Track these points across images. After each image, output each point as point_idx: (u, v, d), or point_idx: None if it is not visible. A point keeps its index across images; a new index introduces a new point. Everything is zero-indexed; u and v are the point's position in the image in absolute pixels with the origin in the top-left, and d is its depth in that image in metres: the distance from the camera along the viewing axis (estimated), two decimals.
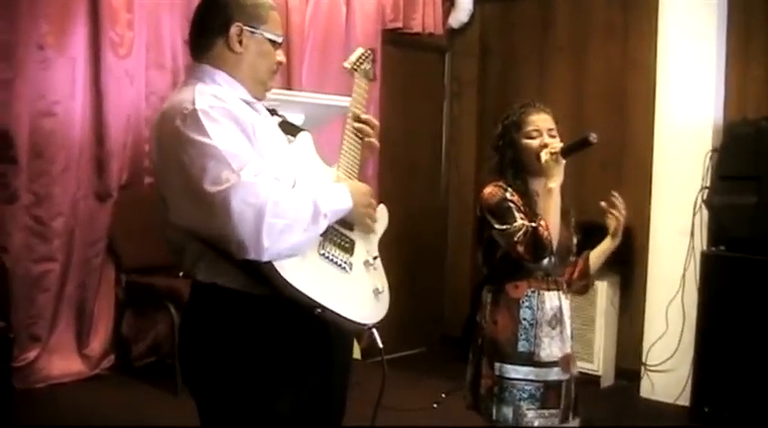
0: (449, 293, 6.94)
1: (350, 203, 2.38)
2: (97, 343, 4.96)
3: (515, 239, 3.11)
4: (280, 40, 2.47)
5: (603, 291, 5.60)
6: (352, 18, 6.07)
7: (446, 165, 7.06)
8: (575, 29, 6.25)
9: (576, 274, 3.40)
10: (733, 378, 4.76)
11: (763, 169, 4.79)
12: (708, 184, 5.18)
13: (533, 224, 3.11)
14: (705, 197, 5.17)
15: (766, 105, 5.19)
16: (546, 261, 3.19)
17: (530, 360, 3.20)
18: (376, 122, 2.66)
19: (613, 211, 3.36)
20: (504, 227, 3.16)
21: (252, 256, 2.12)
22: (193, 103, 2.19)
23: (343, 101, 4.97)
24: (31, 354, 4.66)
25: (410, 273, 6.20)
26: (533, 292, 3.24)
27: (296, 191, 2.25)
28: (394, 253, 2.62)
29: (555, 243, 3.13)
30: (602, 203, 3.37)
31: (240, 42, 2.37)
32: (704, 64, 5.32)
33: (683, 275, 5.23)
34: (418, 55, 6.72)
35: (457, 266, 6.88)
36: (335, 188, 2.41)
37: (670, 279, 5.29)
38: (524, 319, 3.22)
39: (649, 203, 5.48)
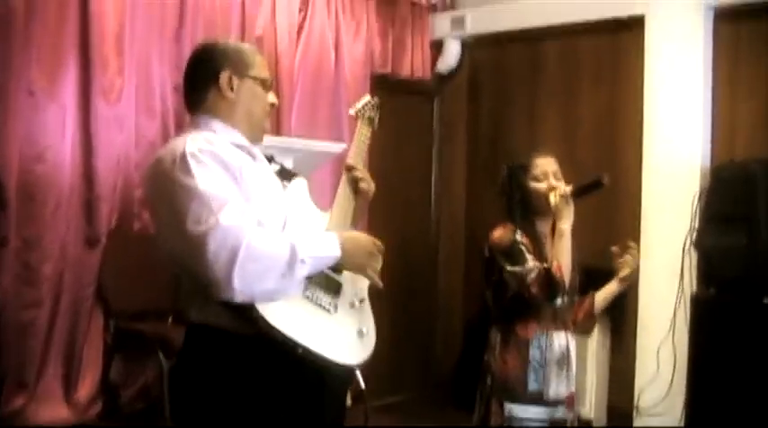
0: (440, 335, 6.91)
1: (337, 252, 2.38)
2: (85, 389, 4.91)
3: (529, 280, 3.21)
4: (269, 80, 2.58)
5: (594, 333, 5.58)
6: (342, 63, 6.13)
7: (436, 209, 7.09)
8: (563, 72, 6.31)
9: (581, 314, 3.50)
10: (725, 421, 4.73)
11: (751, 210, 4.79)
12: (696, 226, 5.18)
13: (546, 265, 3.22)
14: (694, 238, 5.17)
15: (753, 147, 5.22)
16: (558, 300, 3.29)
17: (539, 399, 3.30)
18: (366, 175, 2.72)
19: (628, 260, 3.45)
20: (517, 268, 3.25)
21: (224, 297, 2.20)
22: (184, 147, 2.29)
23: (333, 147, 5.05)
24: (18, 401, 4.61)
25: (400, 315, 6.18)
26: (542, 332, 3.33)
27: (275, 236, 2.29)
28: (384, 295, 2.64)
29: (567, 283, 3.18)
30: (614, 248, 3.44)
31: (231, 89, 2.48)
32: (691, 106, 5.38)
33: (674, 317, 5.22)
34: (407, 99, 6.76)
35: (448, 309, 6.87)
36: (323, 235, 2.45)
37: (660, 321, 5.28)
38: (534, 359, 3.30)
39: (639, 245, 5.47)
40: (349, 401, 5.12)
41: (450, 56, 6.84)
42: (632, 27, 5.71)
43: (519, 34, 6.41)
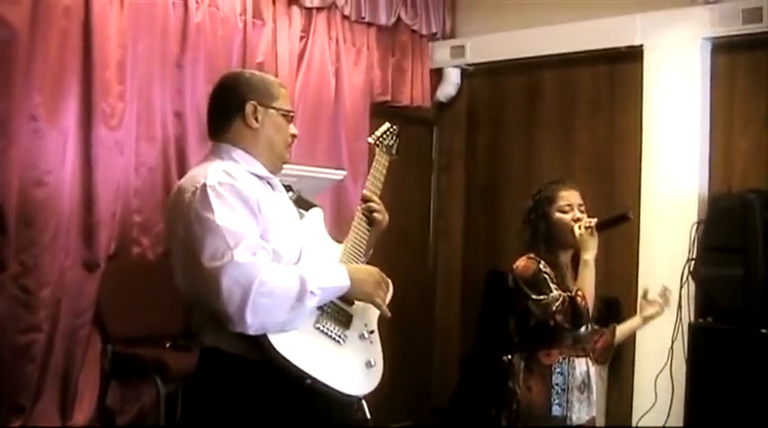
0: (437, 365, 6.90)
1: (347, 282, 2.48)
2: (81, 414, 4.89)
3: (554, 308, 3.33)
4: (292, 113, 2.67)
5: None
6: (342, 91, 6.16)
7: (434, 237, 7.10)
8: (562, 102, 6.35)
9: (600, 344, 3.62)
10: None
11: (748, 241, 4.82)
12: (694, 256, 5.20)
13: (570, 294, 3.33)
14: (692, 268, 5.19)
15: (751, 177, 5.26)
16: (583, 328, 3.43)
17: (563, 423, 3.40)
18: (381, 207, 2.86)
19: (662, 303, 3.75)
20: (542, 297, 3.37)
21: (238, 330, 2.30)
22: (205, 178, 2.39)
23: (333, 173, 5.07)
24: (14, 425, 4.59)
25: (398, 344, 6.17)
26: (564, 359, 3.45)
27: (285, 270, 2.38)
28: (381, 324, 2.73)
29: (591, 311, 3.36)
30: (649, 289, 3.75)
31: (256, 119, 2.56)
32: (688, 136, 5.43)
33: (671, 347, 5.23)
34: (406, 128, 6.67)
35: (445, 337, 6.87)
36: (332, 266, 2.54)
37: (658, 351, 5.28)
38: (557, 385, 3.42)
39: (637, 275, 5.50)
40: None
41: (450, 84, 6.88)
42: (630, 58, 5.77)
43: (518, 64, 6.45)
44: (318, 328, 2.46)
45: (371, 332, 2.66)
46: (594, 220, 3.42)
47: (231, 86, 2.63)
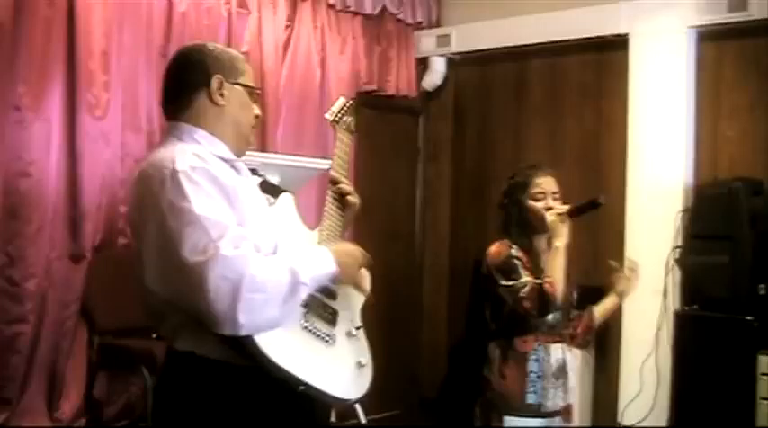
0: (425, 354, 6.93)
1: (333, 267, 2.30)
2: (68, 405, 4.90)
3: (521, 295, 3.30)
4: (258, 91, 2.47)
5: (578, 351, 5.60)
6: (327, 81, 6.17)
7: (421, 226, 7.11)
8: (549, 91, 6.36)
9: (580, 329, 3.60)
10: None
11: (734, 229, 4.87)
12: (680, 244, 5.24)
13: (539, 280, 3.29)
14: (677, 256, 5.23)
15: (737, 166, 5.29)
16: (551, 316, 3.37)
17: (538, 411, 3.37)
18: (352, 188, 2.64)
19: (629, 275, 3.61)
20: (511, 283, 3.34)
21: (227, 332, 2.08)
22: (174, 163, 2.14)
23: (319, 163, 5.08)
24: (1, 417, 4.60)
25: (385, 334, 6.18)
26: (540, 346, 3.41)
27: (274, 262, 2.17)
28: (368, 314, 2.63)
29: (559, 299, 3.29)
30: (612, 263, 3.60)
31: (222, 95, 2.34)
32: (675, 125, 5.46)
33: (657, 334, 5.28)
34: (393, 117, 6.79)
35: (432, 327, 6.89)
36: (317, 253, 2.33)
37: (644, 338, 5.33)
38: (532, 372, 3.38)
39: (623, 262, 5.51)
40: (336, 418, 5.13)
41: (436, 73, 6.88)
42: (617, 46, 5.79)
43: (504, 52, 6.46)
44: (306, 328, 2.29)
45: (358, 328, 2.51)
46: (566, 207, 3.38)
47: (194, 59, 2.36)
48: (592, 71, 6.10)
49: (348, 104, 2.83)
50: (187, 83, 2.35)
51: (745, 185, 4.94)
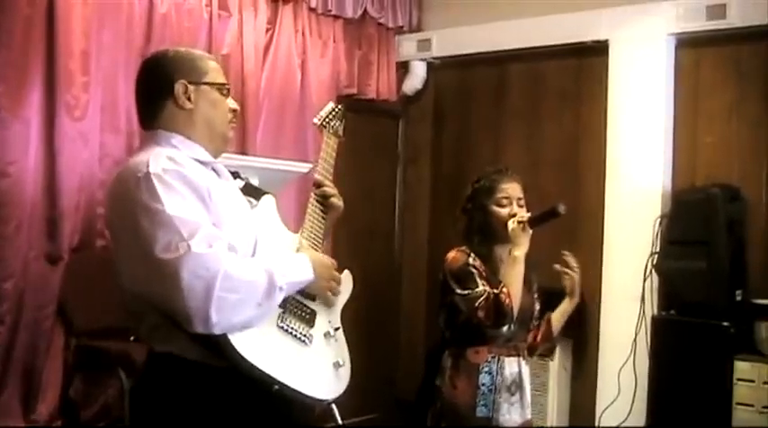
0: (403, 357, 6.92)
1: (311, 275, 2.36)
2: (45, 407, 4.86)
3: (476, 305, 3.21)
4: (227, 86, 2.48)
5: (556, 356, 5.64)
6: (308, 84, 6.17)
7: (400, 230, 7.12)
8: (528, 96, 6.37)
9: (539, 337, 3.51)
10: None
11: (711, 235, 4.89)
12: (657, 250, 5.26)
13: (495, 291, 3.19)
14: (655, 262, 5.25)
15: (715, 172, 5.31)
16: (506, 328, 3.25)
17: (488, 425, 3.27)
18: (335, 191, 2.67)
19: (567, 271, 3.46)
20: (466, 292, 3.25)
21: (200, 330, 2.10)
22: (147, 166, 2.18)
23: (298, 166, 5.07)
24: None
25: (363, 337, 6.17)
26: (494, 358, 3.32)
27: (250, 263, 2.22)
28: (347, 317, 2.66)
29: (516, 310, 3.20)
30: (556, 266, 3.45)
31: (189, 99, 2.37)
32: (653, 131, 5.48)
33: (635, 340, 5.29)
34: (373, 120, 6.79)
35: (411, 330, 6.88)
36: (296, 259, 2.39)
37: (621, 343, 5.34)
38: (483, 385, 3.29)
39: (601, 268, 5.56)
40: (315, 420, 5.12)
41: (416, 78, 6.89)
42: (596, 52, 5.80)
43: (484, 57, 6.47)
44: (282, 327, 2.31)
45: (337, 329, 2.54)
46: (528, 215, 3.31)
47: (155, 68, 2.42)
48: (571, 77, 6.11)
49: (337, 109, 2.86)
50: (152, 93, 2.40)
51: (722, 191, 4.96)
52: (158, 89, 2.37)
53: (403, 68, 6.93)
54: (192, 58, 2.43)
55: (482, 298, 3.20)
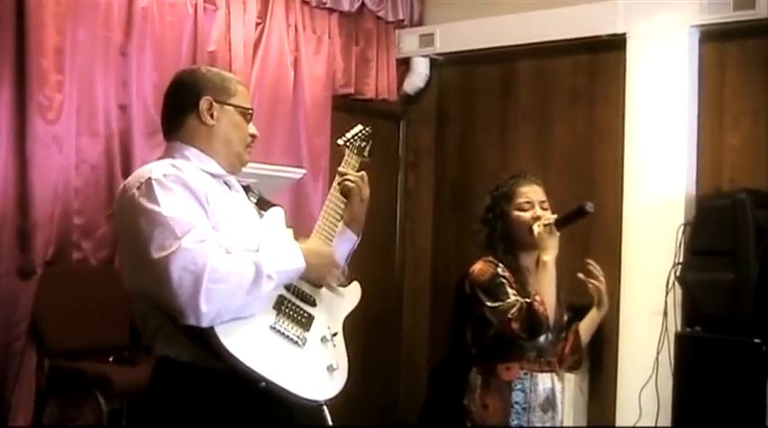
0: (404, 376, 6.89)
1: (301, 263, 2.55)
2: None
3: (509, 316, 3.21)
4: (250, 111, 2.72)
5: (571, 376, 5.54)
6: (301, 83, 6.12)
7: (401, 239, 7.10)
8: (538, 94, 6.35)
9: (568, 349, 3.57)
10: None
11: (739, 244, 4.82)
12: (681, 260, 5.20)
13: (528, 300, 3.20)
14: (678, 273, 5.19)
15: (741, 175, 5.27)
16: (542, 338, 3.29)
17: None
18: (357, 179, 2.97)
19: (592, 281, 3.47)
20: (497, 304, 3.26)
21: (192, 321, 2.30)
22: (150, 173, 2.43)
23: (292, 172, 5.00)
24: None
25: (363, 354, 6.11)
26: (526, 374, 3.34)
27: (238, 256, 2.42)
28: (346, 331, 2.75)
29: (551, 318, 3.21)
30: (580, 275, 3.48)
31: (212, 115, 2.62)
32: (675, 132, 5.44)
33: (657, 358, 5.24)
34: (371, 122, 6.63)
35: (413, 346, 6.88)
36: (286, 248, 2.59)
37: (643, 362, 5.28)
38: (516, 403, 3.31)
39: (619, 280, 5.51)
40: None
41: (418, 75, 6.87)
42: (613, 47, 5.77)
43: (491, 53, 6.42)
44: (275, 328, 2.49)
45: (335, 334, 2.69)
46: (554, 217, 3.31)
47: (185, 82, 2.68)
48: (584, 74, 6.08)
49: (365, 132, 3.11)
50: (178, 104, 2.66)
51: (750, 196, 4.89)
52: (184, 102, 2.64)
53: (404, 65, 6.91)
54: (222, 79, 2.70)
55: (515, 309, 3.21)
